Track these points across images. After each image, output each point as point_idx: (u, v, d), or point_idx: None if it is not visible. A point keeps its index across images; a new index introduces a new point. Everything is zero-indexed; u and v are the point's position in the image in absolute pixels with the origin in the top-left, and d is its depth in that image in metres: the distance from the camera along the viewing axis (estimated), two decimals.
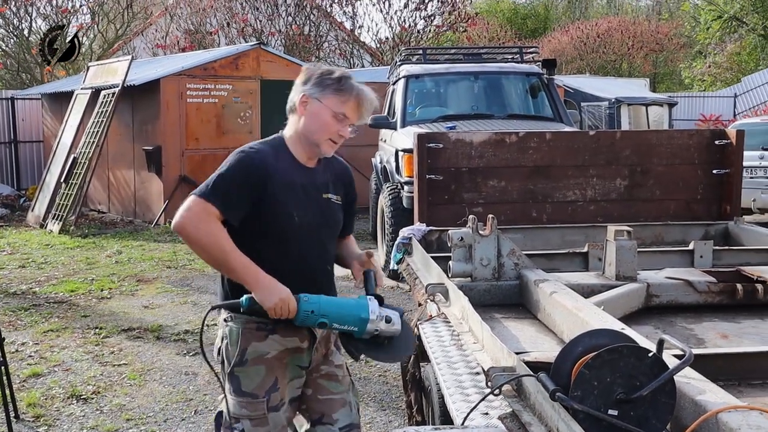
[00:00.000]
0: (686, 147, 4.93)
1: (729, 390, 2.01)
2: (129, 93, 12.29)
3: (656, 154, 4.92)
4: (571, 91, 16.58)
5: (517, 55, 10.31)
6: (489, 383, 2.16)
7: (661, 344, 1.89)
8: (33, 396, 4.95)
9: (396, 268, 4.42)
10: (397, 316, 2.51)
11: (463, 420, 2.01)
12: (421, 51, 10.69)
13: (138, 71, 13.16)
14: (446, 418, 2.82)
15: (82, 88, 13.31)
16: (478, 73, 9.67)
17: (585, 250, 3.99)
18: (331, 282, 2.72)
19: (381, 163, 9.82)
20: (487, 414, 2.03)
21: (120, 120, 12.79)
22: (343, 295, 2.72)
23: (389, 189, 8.56)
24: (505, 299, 3.50)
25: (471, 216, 3.55)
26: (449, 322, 2.96)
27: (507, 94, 9.66)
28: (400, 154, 8.38)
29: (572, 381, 1.84)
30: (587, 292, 3.25)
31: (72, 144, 12.61)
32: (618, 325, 2.52)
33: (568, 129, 8.39)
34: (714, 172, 4.91)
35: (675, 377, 1.84)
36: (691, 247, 4.03)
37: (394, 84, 10.04)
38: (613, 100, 16.45)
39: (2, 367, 4.34)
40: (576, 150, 4.89)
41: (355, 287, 2.71)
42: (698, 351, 2.31)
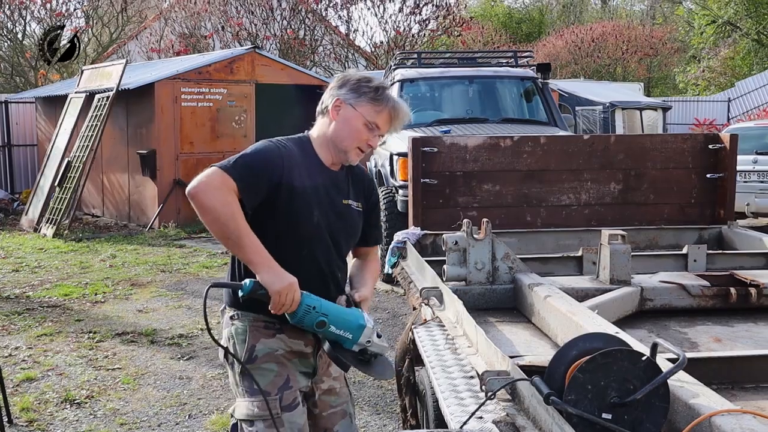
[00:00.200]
0: (680, 151, 4.94)
1: (722, 393, 2.02)
2: (123, 97, 12.29)
3: (650, 159, 4.94)
4: (566, 95, 16.64)
5: (512, 60, 10.33)
6: (483, 387, 2.16)
7: (654, 348, 1.89)
8: (26, 400, 4.93)
9: (391, 272, 4.42)
10: (383, 336, 2.51)
11: (462, 425, 2.01)
12: (415, 55, 10.71)
13: (132, 75, 13.16)
14: (441, 422, 2.82)
15: (76, 92, 13.29)
16: (472, 78, 9.69)
17: (579, 254, 4.00)
18: (339, 289, 2.63)
19: (376, 167, 9.81)
20: (481, 418, 2.03)
21: (114, 124, 12.78)
22: None
23: (384, 193, 8.55)
24: (499, 303, 3.51)
25: (465, 220, 3.56)
26: (444, 326, 2.96)
27: (502, 99, 9.67)
28: (395, 158, 8.39)
29: (566, 385, 1.85)
30: (581, 296, 3.26)
31: (66, 148, 12.59)
32: (612, 329, 2.53)
33: (562, 133, 8.40)
34: (708, 176, 4.93)
35: (669, 381, 1.84)
36: (684, 251, 4.04)
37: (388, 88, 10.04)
38: (607, 105, 16.52)
39: None
40: (570, 154, 4.90)
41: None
42: (692, 355, 2.32)
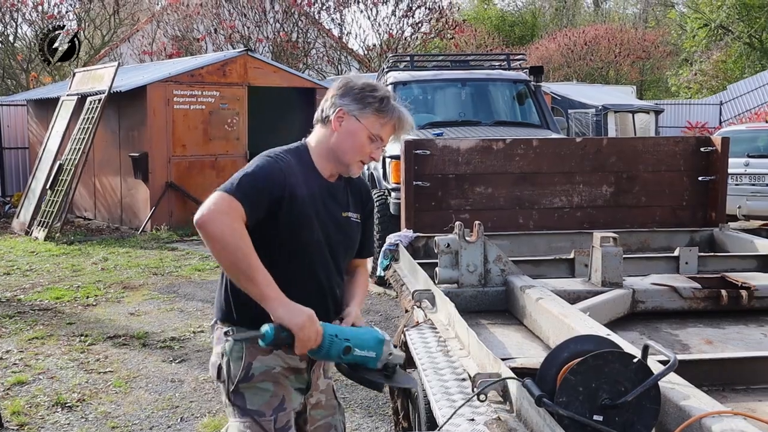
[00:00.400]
0: (672, 154, 4.95)
1: (713, 395, 2.02)
2: (115, 99, 12.26)
3: (642, 161, 4.95)
4: (558, 98, 16.70)
5: (505, 63, 10.35)
6: (475, 389, 2.16)
7: (646, 350, 1.90)
8: (17, 404, 4.91)
9: (383, 274, 4.42)
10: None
11: (444, 423, 2.01)
12: (408, 58, 10.72)
13: (124, 77, 13.14)
14: (432, 424, 2.81)
15: (68, 95, 13.26)
16: (465, 80, 9.71)
17: (571, 256, 4.00)
18: (338, 308, 2.53)
19: (368, 169, 9.80)
20: (473, 420, 2.03)
21: (106, 126, 12.75)
22: None
23: (376, 195, 8.55)
24: (491, 305, 3.51)
25: (458, 222, 3.55)
26: (436, 329, 2.96)
27: (494, 101, 9.69)
28: (387, 160, 8.39)
29: (558, 387, 1.85)
30: (573, 298, 3.26)
31: (58, 150, 12.55)
32: (603, 331, 2.53)
33: (554, 136, 8.42)
34: (699, 179, 4.94)
35: (660, 383, 1.85)
36: (676, 253, 4.05)
37: None
38: (599, 107, 16.57)
39: None
40: (562, 157, 4.91)
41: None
42: (683, 357, 2.33)
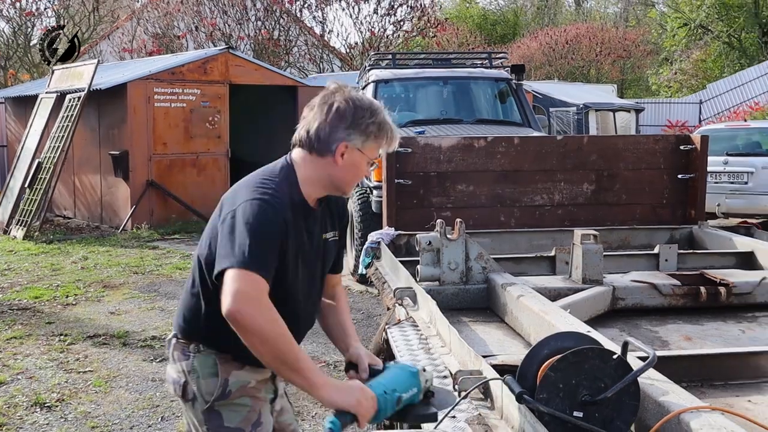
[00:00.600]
0: (652, 152, 4.99)
1: (692, 391, 2.04)
2: (95, 97, 12.15)
3: (623, 159, 4.98)
4: (540, 96, 16.75)
5: (486, 61, 10.37)
6: (456, 386, 2.17)
7: (625, 346, 1.91)
8: None
9: (365, 272, 4.41)
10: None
11: (435, 425, 2.01)
12: (390, 56, 10.71)
13: (104, 75, 13.03)
14: None
15: (46, 92, 13.13)
16: (447, 79, 9.71)
17: (552, 254, 4.03)
18: (308, 328, 2.45)
19: None
20: (454, 417, 2.03)
21: (86, 124, 12.64)
22: None
23: (358, 193, 8.55)
24: (472, 303, 3.52)
25: (439, 220, 3.56)
26: (417, 326, 2.96)
27: (476, 99, 9.70)
28: None
29: (538, 383, 1.86)
30: (554, 295, 3.28)
31: (36, 149, 12.41)
32: (584, 328, 2.54)
33: (536, 134, 8.45)
34: (679, 177, 4.98)
35: (639, 379, 1.86)
36: (656, 250, 4.08)
37: (363, 89, 10.03)
38: (581, 106, 16.64)
39: None
40: (544, 155, 4.93)
41: (349, 377, 2.33)
42: (662, 353, 2.35)
